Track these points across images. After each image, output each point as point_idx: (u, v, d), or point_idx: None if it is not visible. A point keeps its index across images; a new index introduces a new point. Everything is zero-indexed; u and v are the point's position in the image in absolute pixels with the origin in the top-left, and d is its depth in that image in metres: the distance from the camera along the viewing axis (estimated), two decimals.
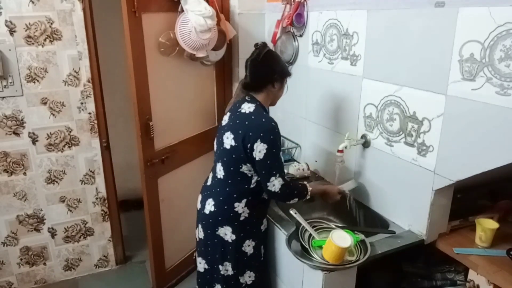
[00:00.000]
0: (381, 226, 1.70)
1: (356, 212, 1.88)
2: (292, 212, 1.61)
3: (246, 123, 1.54)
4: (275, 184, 1.52)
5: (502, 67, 1.16)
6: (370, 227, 1.70)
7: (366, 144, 1.78)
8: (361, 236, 1.52)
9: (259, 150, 1.49)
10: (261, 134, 1.49)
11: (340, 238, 1.38)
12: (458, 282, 1.54)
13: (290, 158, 2.44)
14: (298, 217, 1.58)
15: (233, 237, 1.64)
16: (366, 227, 1.72)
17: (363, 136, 1.79)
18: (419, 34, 1.43)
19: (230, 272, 1.70)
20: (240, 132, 1.53)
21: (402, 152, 1.59)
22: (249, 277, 1.73)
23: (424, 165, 1.50)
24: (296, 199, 1.60)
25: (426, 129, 1.46)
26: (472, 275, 1.43)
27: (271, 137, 1.51)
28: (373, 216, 1.79)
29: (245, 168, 1.57)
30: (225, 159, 1.61)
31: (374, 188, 1.79)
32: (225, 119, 1.66)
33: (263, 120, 1.54)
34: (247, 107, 1.58)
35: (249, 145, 1.50)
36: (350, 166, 1.90)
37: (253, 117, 1.54)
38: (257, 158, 1.51)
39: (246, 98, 1.63)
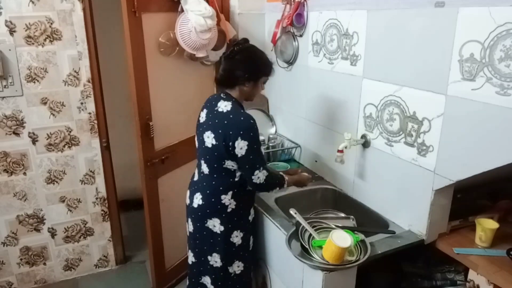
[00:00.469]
0: (381, 226, 1.70)
1: (356, 212, 1.88)
2: (292, 212, 1.61)
3: (225, 122, 1.57)
4: (259, 176, 1.58)
5: (502, 67, 1.16)
6: (370, 227, 1.70)
7: (366, 144, 1.78)
8: (361, 236, 1.52)
9: (241, 147, 1.54)
10: (241, 132, 1.53)
11: (340, 238, 1.38)
12: (458, 282, 1.54)
13: (290, 158, 2.44)
14: (298, 217, 1.58)
15: (222, 228, 1.69)
16: (366, 227, 1.72)
17: (363, 136, 1.79)
18: (419, 34, 1.43)
19: (219, 263, 1.74)
20: (220, 131, 1.57)
21: (402, 152, 1.59)
22: (238, 267, 1.77)
23: (424, 165, 1.50)
24: (278, 188, 1.70)
25: (426, 129, 1.46)
26: (472, 275, 1.43)
27: (251, 134, 1.55)
28: (373, 216, 1.79)
29: (228, 164, 1.62)
30: (207, 157, 1.66)
31: (374, 188, 1.79)
32: (203, 116, 1.68)
33: (242, 118, 1.57)
34: (224, 106, 1.60)
35: (230, 143, 1.55)
36: (350, 166, 1.90)
37: (231, 116, 1.57)
38: (239, 155, 1.56)
39: (222, 95, 1.65)
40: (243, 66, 1.61)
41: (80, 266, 2.66)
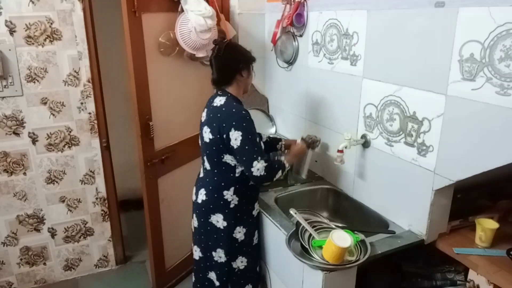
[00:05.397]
0: (381, 226, 1.70)
1: (356, 212, 1.88)
2: (292, 212, 1.61)
3: (218, 115, 1.61)
4: (259, 168, 1.56)
5: (502, 67, 1.16)
6: (370, 227, 1.70)
7: (366, 144, 1.78)
8: (361, 236, 1.52)
9: (235, 138, 1.56)
10: (234, 123, 1.56)
11: (340, 238, 1.38)
12: (458, 282, 1.54)
13: None
14: (298, 217, 1.58)
15: (225, 224, 1.72)
16: (366, 227, 1.73)
17: (363, 136, 1.79)
18: (419, 34, 1.43)
19: (223, 259, 1.77)
20: (214, 125, 1.62)
21: (402, 152, 1.59)
22: (241, 262, 1.80)
23: (424, 165, 1.50)
24: (280, 173, 1.66)
25: (426, 129, 1.46)
26: (472, 275, 1.43)
27: (244, 124, 1.57)
28: (373, 216, 1.79)
29: (227, 158, 1.65)
30: (207, 152, 1.70)
31: (374, 188, 1.79)
32: (203, 115, 1.74)
33: (234, 110, 1.61)
34: (219, 100, 1.65)
35: (225, 136, 1.58)
36: (350, 166, 1.90)
37: (224, 108, 1.62)
38: (235, 147, 1.57)
39: (218, 92, 1.71)
40: (235, 58, 1.67)
41: (80, 266, 2.66)
